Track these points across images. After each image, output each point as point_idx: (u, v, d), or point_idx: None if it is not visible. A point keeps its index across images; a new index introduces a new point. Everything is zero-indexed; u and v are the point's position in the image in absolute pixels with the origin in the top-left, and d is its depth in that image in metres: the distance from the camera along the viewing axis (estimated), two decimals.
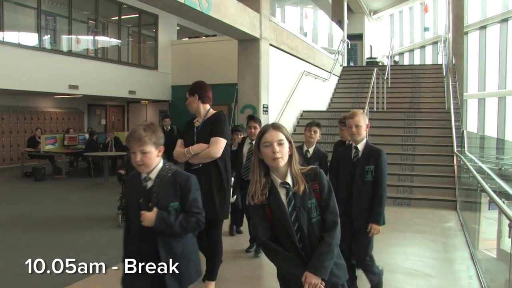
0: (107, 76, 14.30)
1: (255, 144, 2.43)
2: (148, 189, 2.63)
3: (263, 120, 9.54)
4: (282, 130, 2.39)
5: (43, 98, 16.47)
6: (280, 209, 2.35)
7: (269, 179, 2.40)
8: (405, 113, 11.69)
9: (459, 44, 15.73)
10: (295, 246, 2.34)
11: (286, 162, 2.38)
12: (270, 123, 2.48)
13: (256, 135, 4.21)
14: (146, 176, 2.63)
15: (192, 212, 2.63)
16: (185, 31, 18.58)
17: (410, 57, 30.14)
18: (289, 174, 2.39)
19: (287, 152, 2.36)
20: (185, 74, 16.14)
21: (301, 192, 2.34)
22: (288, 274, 2.38)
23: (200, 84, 4.16)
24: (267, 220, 2.40)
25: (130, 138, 2.56)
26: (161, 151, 2.64)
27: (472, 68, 20.67)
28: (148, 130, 2.56)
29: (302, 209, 2.34)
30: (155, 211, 2.55)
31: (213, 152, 3.84)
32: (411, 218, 7.77)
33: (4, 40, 11.55)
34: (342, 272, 2.44)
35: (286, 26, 11.30)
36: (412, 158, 10.02)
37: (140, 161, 2.55)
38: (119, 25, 15.78)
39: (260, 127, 4.95)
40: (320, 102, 14.13)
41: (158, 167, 2.64)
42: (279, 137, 2.35)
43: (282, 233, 2.37)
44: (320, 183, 2.40)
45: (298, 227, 2.34)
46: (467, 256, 5.70)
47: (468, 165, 7.10)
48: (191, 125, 4.13)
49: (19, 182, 12.02)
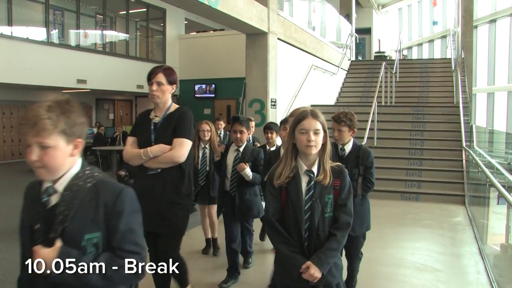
0: (115, 71, 14.34)
1: (290, 128, 2.42)
2: (50, 208, 1.62)
3: (271, 115, 9.54)
4: (319, 119, 2.38)
5: (51, 93, 16.51)
6: (297, 195, 2.36)
7: (296, 164, 2.41)
8: (414, 107, 11.63)
9: (468, 38, 15.60)
10: (300, 234, 2.34)
11: (318, 151, 2.38)
12: (309, 109, 2.44)
13: (243, 140, 4.27)
14: (49, 187, 1.64)
15: (125, 251, 1.60)
16: (192, 26, 18.57)
17: (418, 51, 29.94)
18: (316, 163, 2.39)
19: (321, 142, 2.37)
20: (193, 68, 16.17)
21: (326, 183, 2.35)
22: (284, 258, 2.38)
23: (174, 71, 3.32)
24: (280, 203, 2.41)
25: (22, 122, 1.62)
26: (78, 146, 1.65)
27: (482, 62, 20.49)
28: (55, 110, 1.59)
29: (318, 200, 2.34)
30: (57, 248, 1.54)
31: (177, 155, 3.11)
32: (419, 212, 7.74)
33: (12, 35, 11.60)
34: (339, 273, 2.45)
35: (294, 20, 11.26)
36: (421, 152, 9.97)
37: (37, 161, 1.58)
38: (127, 19, 15.80)
39: (247, 130, 4.36)
40: (328, 96, 14.09)
41: (71, 173, 1.65)
42: (316, 126, 2.34)
43: (291, 219, 2.38)
44: (343, 181, 2.40)
45: (309, 216, 2.34)
46: (475, 251, 5.67)
47: (477, 160, 7.06)
48: (146, 120, 3.27)
49: (29, 176, 11.99)
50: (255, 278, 4.71)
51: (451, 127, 10.54)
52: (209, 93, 16.07)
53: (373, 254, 5.47)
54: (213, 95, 15.91)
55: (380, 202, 8.39)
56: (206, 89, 16.15)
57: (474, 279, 4.78)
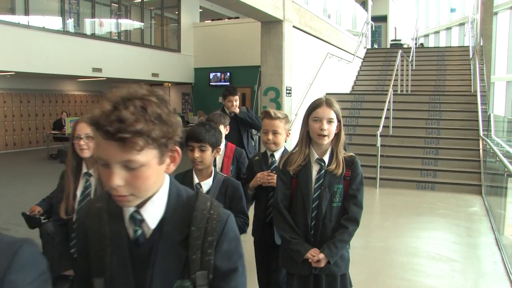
0: (130, 59, 14.38)
1: (305, 116, 2.42)
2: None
3: (286, 103, 9.50)
4: (334, 107, 2.37)
5: (67, 81, 16.70)
6: (306, 184, 2.36)
7: (309, 152, 2.40)
8: (430, 96, 11.49)
9: (488, 25, 15.33)
10: (306, 223, 2.35)
11: (331, 140, 2.37)
12: (324, 98, 2.43)
13: None
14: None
15: None
16: (207, 14, 18.53)
17: (435, 39, 29.54)
18: (328, 152, 2.39)
19: (334, 131, 2.36)
20: (208, 56, 16.16)
21: (339, 173, 2.34)
22: (287, 244, 2.40)
23: None
24: (290, 189, 2.42)
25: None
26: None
27: (501, 50, 20.13)
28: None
29: (327, 189, 2.33)
30: None
31: None
32: (435, 202, 7.68)
33: (29, 24, 11.68)
34: (344, 264, 2.46)
35: (309, 7, 11.15)
36: (437, 141, 9.87)
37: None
38: (141, 7, 15.80)
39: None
40: (344, 84, 13.99)
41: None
42: (330, 115, 2.33)
43: (299, 207, 2.39)
44: (354, 171, 2.39)
45: (317, 205, 2.35)
46: (492, 242, 5.62)
47: (495, 149, 6.97)
48: None
49: (45, 163, 12.26)
50: None
51: (468, 116, 10.41)
52: (224, 81, 16.06)
53: (388, 243, 5.46)
54: (228, 83, 15.89)
55: (395, 191, 8.36)
56: (221, 77, 16.14)
57: (490, 270, 4.74)
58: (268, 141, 2.99)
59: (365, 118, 10.85)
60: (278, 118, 2.97)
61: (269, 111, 3.01)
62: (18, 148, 15.14)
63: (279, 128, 2.97)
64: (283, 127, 3.00)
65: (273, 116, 2.98)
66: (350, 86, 14.68)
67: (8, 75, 13.60)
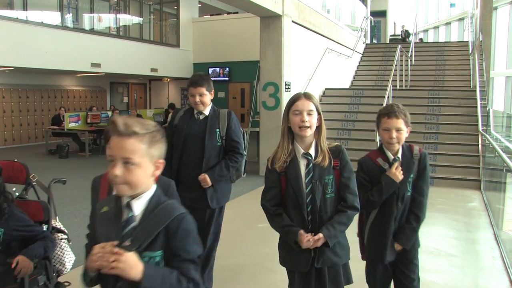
0: (129, 54, 14.35)
1: (285, 111, 2.44)
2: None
3: (285, 98, 9.49)
4: (313, 100, 2.39)
5: (66, 77, 16.67)
6: (296, 179, 2.37)
7: (293, 148, 2.41)
8: (429, 91, 11.49)
9: (487, 20, 15.29)
10: (303, 218, 2.35)
11: (313, 133, 2.39)
12: (302, 92, 2.47)
13: None
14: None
15: None
16: (206, 9, 18.48)
17: (435, 34, 29.52)
18: (313, 145, 2.40)
19: (315, 123, 2.37)
20: (207, 51, 16.12)
21: (325, 165, 2.34)
22: (280, 231, 2.41)
23: None
24: (278, 188, 2.42)
25: None
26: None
27: (500, 45, 20.12)
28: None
29: (318, 182, 2.34)
30: None
31: None
32: (434, 197, 7.67)
33: (28, 19, 11.64)
34: (345, 253, 2.46)
35: (308, 2, 11.12)
36: (436, 136, 9.88)
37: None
38: (140, 2, 15.76)
39: None
40: (343, 79, 13.99)
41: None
42: (309, 107, 2.35)
43: (292, 203, 2.39)
44: (342, 160, 2.40)
45: (311, 199, 2.35)
46: (491, 237, 5.63)
47: (494, 144, 6.97)
48: None
49: (44, 159, 12.25)
50: None
51: (468, 111, 10.41)
52: (223, 76, 16.02)
53: None
54: (227, 78, 15.86)
55: None
56: (220, 72, 16.10)
57: (489, 265, 4.75)
58: None
59: (364, 113, 10.85)
60: None
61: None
62: (17, 143, 15.12)
63: None
64: None
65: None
66: (349, 81, 14.69)
67: (7, 71, 13.56)
